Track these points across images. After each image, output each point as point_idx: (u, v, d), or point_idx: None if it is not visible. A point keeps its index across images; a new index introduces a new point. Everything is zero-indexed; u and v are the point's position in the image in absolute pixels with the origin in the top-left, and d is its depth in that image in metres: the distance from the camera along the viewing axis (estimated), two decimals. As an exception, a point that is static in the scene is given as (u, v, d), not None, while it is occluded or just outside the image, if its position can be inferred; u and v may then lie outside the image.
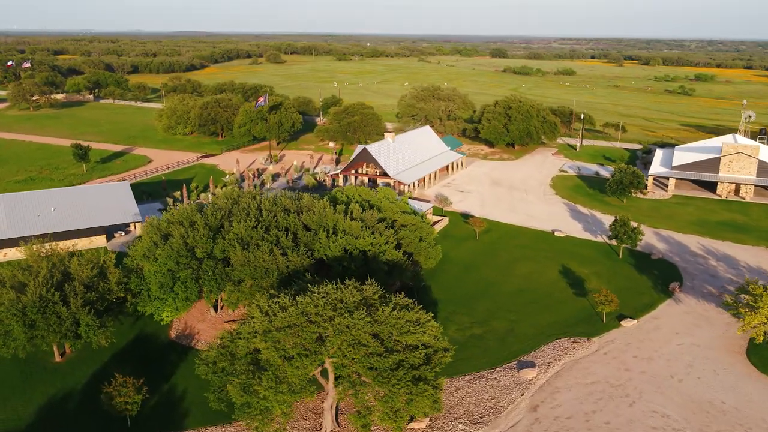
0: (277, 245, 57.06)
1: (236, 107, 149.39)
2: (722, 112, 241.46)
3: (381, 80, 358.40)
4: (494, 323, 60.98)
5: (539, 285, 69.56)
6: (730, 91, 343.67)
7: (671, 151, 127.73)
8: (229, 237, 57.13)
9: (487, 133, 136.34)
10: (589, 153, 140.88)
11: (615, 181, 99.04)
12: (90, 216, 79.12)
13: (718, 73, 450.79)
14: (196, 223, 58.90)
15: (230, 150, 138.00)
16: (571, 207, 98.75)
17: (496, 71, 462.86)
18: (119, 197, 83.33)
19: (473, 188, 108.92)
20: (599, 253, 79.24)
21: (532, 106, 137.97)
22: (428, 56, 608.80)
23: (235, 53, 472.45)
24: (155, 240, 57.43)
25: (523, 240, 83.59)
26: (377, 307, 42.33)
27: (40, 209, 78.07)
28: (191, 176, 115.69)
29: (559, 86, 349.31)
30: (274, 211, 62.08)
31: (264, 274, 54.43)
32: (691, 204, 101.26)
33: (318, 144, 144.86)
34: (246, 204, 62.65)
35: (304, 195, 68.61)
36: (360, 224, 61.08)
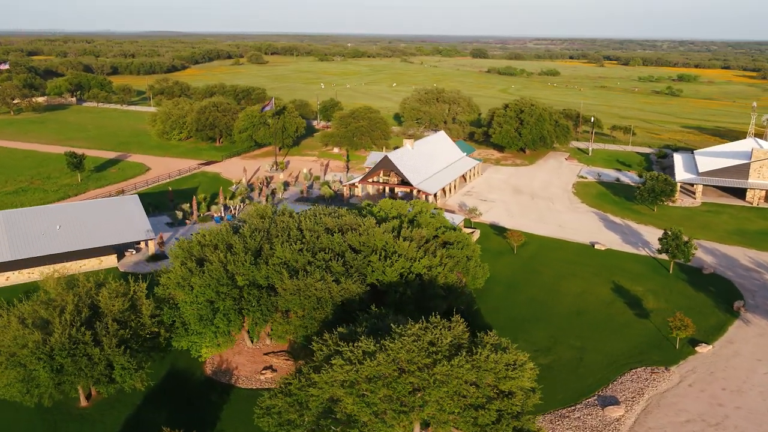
0: (327, 270, 51.40)
1: (235, 111, 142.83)
2: (717, 114, 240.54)
3: (368, 81, 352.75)
4: (560, 351, 56.01)
5: (594, 305, 64.82)
6: (716, 92, 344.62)
7: (690, 155, 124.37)
8: (273, 262, 51.32)
9: (499, 138, 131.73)
10: (601, 158, 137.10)
11: (646, 189, 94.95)
12: (99, 234, 72.50)
13: (699, 74, 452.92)
14: (233, 247, 53.00)
15: (231, 156, 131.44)
16: (602, 216, 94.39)
17: (480, 72, 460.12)
18: (129, 212, 76.77)
19: (495, 197, 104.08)
20: (647, 268, 74.82)
21: (545, 109, 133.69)
22: (409, 57, 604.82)
23: (215, 54, 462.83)
24: (190, 266, 51.36)
25: (563, 254, 78.89)
26: (472, 349, 37.02)
27: (44, 227, 71.25)
28: (195, 185, 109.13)
29: (547, 87, 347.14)
30: (317, 231, 56.40)
31: (317, 304, 48.77)
32: (723, 212, 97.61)
33: (322, 149, 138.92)
34: (285, 223, 56.83)
35: (340, 210, 62.97)
36: (415, 245, 55.70)
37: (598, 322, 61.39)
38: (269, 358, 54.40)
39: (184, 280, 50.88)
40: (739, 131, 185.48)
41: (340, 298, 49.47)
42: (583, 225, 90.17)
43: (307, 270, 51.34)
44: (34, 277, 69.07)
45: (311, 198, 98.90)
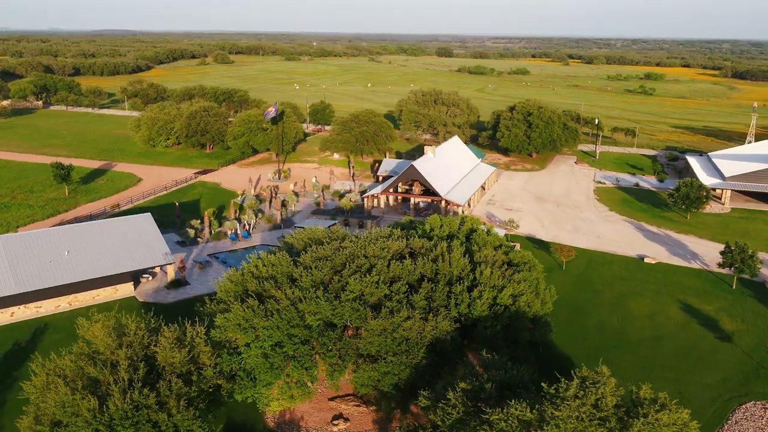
0: (408, 305, 45.02)
1: (227, 116, 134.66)
2: (699, 113, 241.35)
3: (341, 81, 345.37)
4: (655, 385, 50.63)
5: (670, 329, 59.95)
6: (686, 90, 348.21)
7: (705, 159, 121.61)
8: (345, 297, 44.66)
9: (507, 142, 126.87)
10: (610, 161, 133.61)
11: (681, 196, 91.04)
12: (113, 259, 64.43)
13: (663, 72, 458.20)
14: (297, 280, 46.16)
15: (227, 164, 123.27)
16: (637, 225, 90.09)
17: (451, 71, 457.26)
18: (143, 233, 68.79)
19: (519, 205, 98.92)
20: (707, 283, 70.47)
21: (553, 112, 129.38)
22: (376, 56, 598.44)
23: (179, 53, 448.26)
24: (251, 304, 44.26)
25: (614, 269, 74.05)
26: (639, 410, 31.29)
27: (50, 253, 62.86)
28: (195, 198, 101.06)
29: (521, 86, 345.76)
30: (384, 257, 49.90)
31: (406, 347, 42.39)
32: (756, 218, 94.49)
33: (321, 156, 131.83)
34: (350, 250, 50.15)
35: (395, 231, 56.56)
36: (498, 272, 49.75)
37: (681, 348, 56.50)
38: (337, 405, 47.79)
39: (247, 322, 43.80)
40: (732, 131, 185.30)
41: (430, 338, 43.23)
42: (621, 236, 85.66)
43: (384, 305, 44.93)
44: (42, 312, 60.77)
45: (328, 210, 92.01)
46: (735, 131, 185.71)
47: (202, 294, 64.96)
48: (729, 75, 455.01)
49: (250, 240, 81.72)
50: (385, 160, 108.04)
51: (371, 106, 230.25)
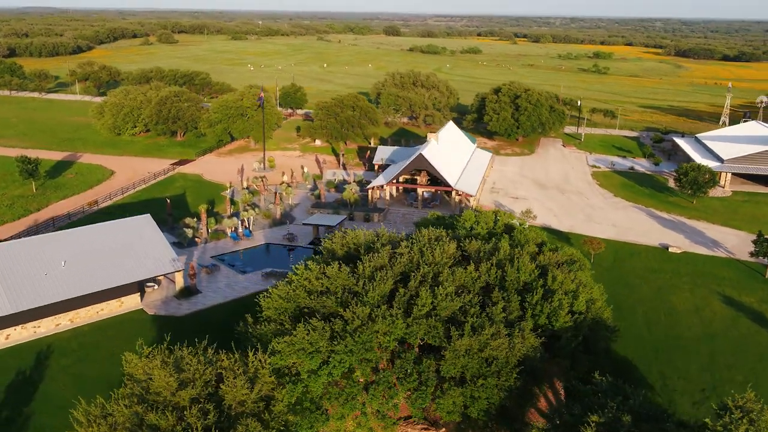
0: (488, 319, 40.67)
1: (198, 102, 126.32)
2: (658, 91, 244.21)
3: (296, 62, 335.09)
4: (729, 389, 48.20)
5: (720, 325, 57.69)
6: (636, 69, 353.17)
7: (693, 140, 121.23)
8: (417, 313, 39.96)
9: (496, 126, 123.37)
10: (595, 143, 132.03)
11: (689, 181, 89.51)
12: (117, 269, 57.57)
13: (610, 51, 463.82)
14: (361, 294, 41.11)
15: (204, 153, 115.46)
16: (648, 212, 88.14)
17: (403, 50, 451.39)
18: (145, 237, 61.94)
19: (523, 193, 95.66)
20: (739, 273, 68.78)
21: (540, 94, 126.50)
22: (323, 34, 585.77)
23: (119, 33, 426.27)
24: (316, 325, 38.96)
25: (643, 261, 71.59)
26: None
27: (44, 264, 55.56)
28: (179, 192, 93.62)
29: (479, 66, 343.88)
30: (446, 263, 45.30)
31: (498, 367, 38.13)
32: (761, 201, 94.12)
33: (302, 142, 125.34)
34: (409, 256, 45.27)
35: (440, 232, 51.98)
36: (572, 275, 45.92)
37: (739, 346, 54.23)
38: (404, 429, 43.18)
39: (312, 345, 38.55)
40: (699, 111, 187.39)
41: (520, 356, 39.10)
42: (635, 223, 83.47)
43: (462, 320, 40.51)
44: (41, 332, 53.65)
45: (330, 203, 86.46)
46: (702, 111, 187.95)
47: (218, 303, 59.30)
48: (672, 53, 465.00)
49: (253, 239, 75.62)
50: (380, 148, 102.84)
51: (333, 87, 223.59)
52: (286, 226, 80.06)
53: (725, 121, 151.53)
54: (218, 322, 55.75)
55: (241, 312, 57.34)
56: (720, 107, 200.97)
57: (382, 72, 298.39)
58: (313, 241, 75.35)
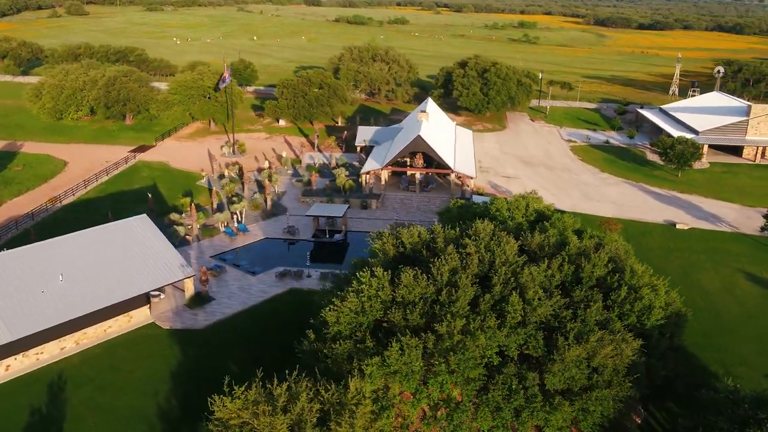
0: (582, 323, 37.73)
1: (146, 82, 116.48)
2: (593, 61, 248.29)
3: (223, 35, 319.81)
4: (792, 373, 47.80)
5: (755, 304, 57.49)
6: (563, 39, 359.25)
7: (658, 111, 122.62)
8: (512, 319, 36.52)
9: (467, 101, 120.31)
10: (561, 116, 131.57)
11: (677, 154, 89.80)
12: (122, 279, 50.96)
13: (534, 21, 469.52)
14: (446, 303, 37.14)
15: (162, 138, 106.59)
16: (640, 187, 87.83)
17: (329, 21, 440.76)
18: (145, 240, 55.23)
19: (512, 171, 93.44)
20: (750, 248, 69.18)
21: (509, 67, 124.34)
22: (243, 5, 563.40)
23: (23, 4, 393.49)
24: (410, 342, 34.78)
25: (656, 240, 70.85)
26: None
27: (39, 280, 48.31)
28: (148, 183, 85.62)
29: (412, 37, 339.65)
30: (518, 263, 41.90)
31: (609, 376, 35.34)
32: (739, 172, 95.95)
33: (265, 123, 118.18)
34: (479, 255, 41.50)
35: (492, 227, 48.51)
36: (650, 269, 43.59)
37: (782, 325, 54.18)
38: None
39: (407, 366, 34.42)
40: (641, 80, 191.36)
41: (627, 362, 36.46)
42: (632, 200, 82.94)
43: (556, 325, 37.44)
44: (45, 359, 46.75)
45: (321, 190, 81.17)
46: (644, 80, 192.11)
47: (238, 311, 53.90)
48: (591, 22, 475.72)
49: (250, 234, 69.71)
50: (361, 128, 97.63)
51: (273, 62, 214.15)
52: (279, 217, 74.47)
53: (675, 91, 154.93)
54: (245, 334, 50.57)
55: (267, 321, 52.54)
56: (655, 76, 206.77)
57: (316, 45, 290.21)
58: (316, 234, 70.34)
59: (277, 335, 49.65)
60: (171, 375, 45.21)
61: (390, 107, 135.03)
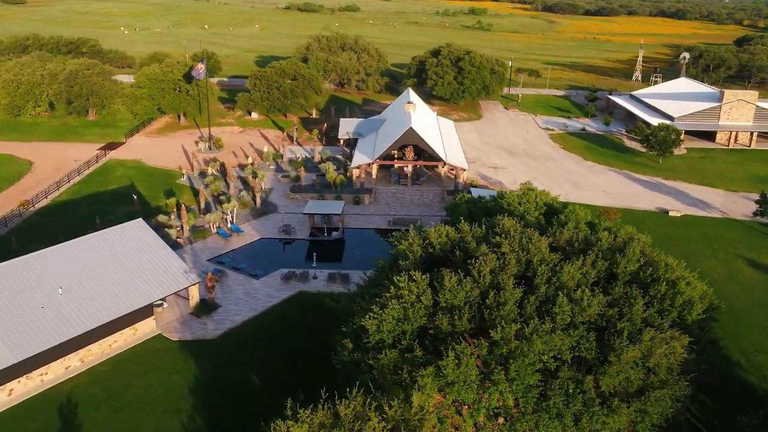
0: (629, 321, 37.02)
1: (109, 75, 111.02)
2: (549, 48, 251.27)
3: (173, 23, 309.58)
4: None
5: (761, 291, 58.32)
6: (516, 25, 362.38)
7: (629, 98, 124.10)
8: (562, 321, 35.50)
9: (442, 91, 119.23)
10: (533, 104, 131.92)
11: (659, 141, 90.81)
12: (125, 290, 47.80)
13: (484, 7, 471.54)
14: (494, 307, 35.80)
15: (131, 134, 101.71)
16: (626, 175, 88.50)
17: (279, 9, 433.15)
18: (145, 247, 52.01)
19: (497, 161, 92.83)
20: (744, 234, 70.36)
21: (482, 56, 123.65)
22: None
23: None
24: (464, 350, 33.32)
25: (653, 228, 70.72)
26: None
27: (37, 294, 44.80)
28: (125, 183, 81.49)
29: (367, 25, 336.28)
30: (552, 260, 40.87)
31: (665, 376, 34.73)
32: (716, 158, 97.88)
33: (236, 116, 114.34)
34: (515, 254, 40.28)
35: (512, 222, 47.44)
36: (683, 262, 43.15)
37: (791, 311, 55.05)
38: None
39: (464, 376, 32.97)
40: (606, 67, 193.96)
41: (680, 360, 35.93)
42: (621, 188, 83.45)
43: (603, 324, 36.62)
44: (51, 380, 43.40)
45: (310, 186, 78.68)
46: (604, 66, 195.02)
47: (248, 318, 51.54)
48: (539, 8, 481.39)
49: (245, 234, 66.91)
50: (343, 121, 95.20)
51: (232, 52, 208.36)
52: (270, 216, 71.79)
53: (638, 77, 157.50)
54: (259, 342, 48.24)
55: (279, 327, 50.28)
56: (612, 62, 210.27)
57: (270, 33, 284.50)
58: (313, 232, 68.03)
59: (293, 342, 47.87)
60: (190, 390, 42.62)
61: (361, 97, 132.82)
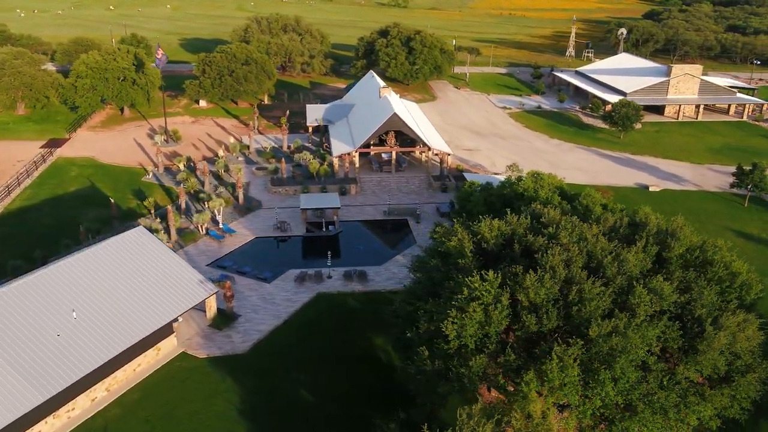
0: (702, 306, 37.09)
1: (39, 64, 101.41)
2: (470, 24, 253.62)
3: (72, 5, 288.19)
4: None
5: (760, 262, 60.54)
6: (429, 2, 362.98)
7: (574, 74, 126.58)
8: (645, 311, 35.10)
9: (395, 72, 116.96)
10: (481, 83, 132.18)
11: (622, 117, 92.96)
12: (146, 307, 43.45)
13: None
14: (578, 303, 34.83)
15: (74, 129, 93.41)
16: (595, 152, 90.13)
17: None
18: (153, 258, 47.44)
19: (470, 144, 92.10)
20: (721, 204, 73.27)
21: (431, 35, 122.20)
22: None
23: None
24: (566, 352, 32.15)
25: (637, 204, 72.54)
26: None
27: (47, 322, 39.83)
28: (84, 185, 74.76)
29: (282, 4, 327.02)
30: (609, 250, 40.41)
31: (752, 360, 35.05)
32: (671, 131, 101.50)
33: (182, 105, 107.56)
34: (576, 245, 39.41)
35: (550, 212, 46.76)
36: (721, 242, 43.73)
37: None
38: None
39: (568, 378, 31.85)
40: (532, 43, 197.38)
41: (760, 343, 36.39)
42: (594, 165, 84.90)
43: (677, 311, 36.54)
44: (78, 416, 38.83)
45: (292, 178, 74.96)
46: (530, 42, 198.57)
47: (275, 327, 48.47)
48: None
49: (238, 234, 62.83)
50: (310, 107, 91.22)
51: (148, 35, 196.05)
52: (257, 212, 67.87)
53: (572, 53, 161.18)
54: (297, 352, 45.37)
55: (310, 334, 47.61)
56: (536, 37, 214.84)
57: (183, 14, 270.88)
58: (309, 228, 64.80)
59: (331, 348, 45.42)
60: (239, 413, 39.34)
61: (308, 81, 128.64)
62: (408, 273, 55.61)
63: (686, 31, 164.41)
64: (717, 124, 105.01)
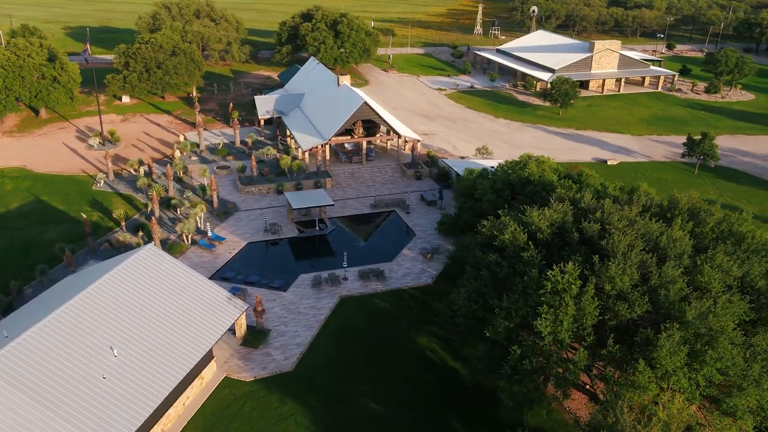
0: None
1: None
2: (367, 4, 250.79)
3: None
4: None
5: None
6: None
7: (495, 53, 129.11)
8: (715, 287, 36.56)
9: (327, 57, 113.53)
10: (404, 64, 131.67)
11: (562, 94, 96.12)
12: (185, 336, 39.61)
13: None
14: (660, 290, 35.56)
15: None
16: (544, 129, 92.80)
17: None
18: (174, 277, 43.13)
19: (423, 128, 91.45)
20: (674, 174, 78.03)
21: (356, 18, 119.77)
22: None
23: None
24: (671, 336, 32.70)
25: (606, 178, 75.83)
26: None
27: (91, 364, 35.34)
28: (27, 199, 66.83)
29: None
30: (660, 231, 41.65)
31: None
32: (602, 105, 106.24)
33: (103, 102, 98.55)
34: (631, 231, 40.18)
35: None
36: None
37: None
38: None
39: (661, 368, 32.47)
40: (436, 22, 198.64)
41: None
42: (549, 142, 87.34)
43: (743, 285, 38.40)
44: (141, 466, 34.83)
45: (261, 177, 70.97)
46: (431, 21, 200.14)
47: (312, 338, 45.98)
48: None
49: (228, 241, 58.77)
50: (259, 98, 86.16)
51: (30, 24, 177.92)
52: (237, 215, 63.85)
53: (480, 31, 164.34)
54: (349, 362, 43.50)
55: (355, 340, 45.85)
56: (434, 16, 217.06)
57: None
58: (300, 229, 61.79)
59: (375, 354, 44.25)
60: (317, 436, 37.04)
61: (228, 69, 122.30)
62: (422, 267, 55.14)
63: (584, 6, 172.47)
64: (638, 96, 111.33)
